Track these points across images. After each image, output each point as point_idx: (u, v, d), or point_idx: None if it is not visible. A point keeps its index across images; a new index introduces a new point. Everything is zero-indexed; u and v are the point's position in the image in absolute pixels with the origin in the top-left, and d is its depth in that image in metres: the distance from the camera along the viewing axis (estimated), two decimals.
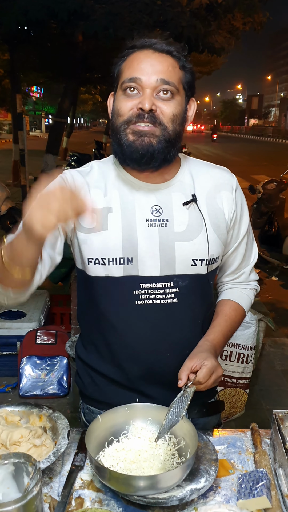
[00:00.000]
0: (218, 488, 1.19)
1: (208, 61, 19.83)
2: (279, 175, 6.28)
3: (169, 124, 1.26)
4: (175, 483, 1.09)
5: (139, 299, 1.34)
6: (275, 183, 5.97)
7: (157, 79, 1.24)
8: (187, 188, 1.38)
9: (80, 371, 1.53)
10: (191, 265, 1.35)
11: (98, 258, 1.32)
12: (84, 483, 1.20)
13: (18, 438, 1.26)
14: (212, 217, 1.38)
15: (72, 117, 23.73)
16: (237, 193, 1.44)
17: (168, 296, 1.35)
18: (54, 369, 3.49)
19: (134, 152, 1.26)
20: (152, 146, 1.25)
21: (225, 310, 1.49)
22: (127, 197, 1.33)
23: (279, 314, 5.15)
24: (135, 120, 1.25)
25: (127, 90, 1.26)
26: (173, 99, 1.26)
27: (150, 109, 1.23)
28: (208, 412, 1.52)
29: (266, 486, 1.12)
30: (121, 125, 1.27)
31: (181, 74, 1.29)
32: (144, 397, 1.39)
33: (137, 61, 1.26)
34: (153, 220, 1.33)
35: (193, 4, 7.09)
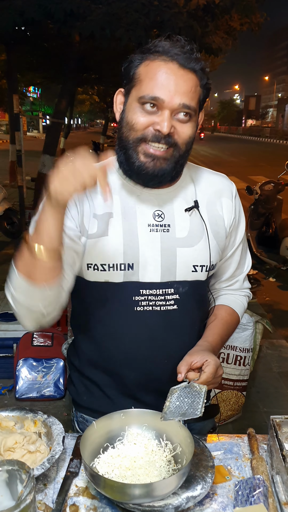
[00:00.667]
0: (214, 495, 1.17)
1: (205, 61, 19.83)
2: (277, 176, 6.27)
3: (183, 146, 1.25)
4: (171, 490, 1.07)
5: (139, 306, 1.32)
6: (272, 184, 5.96)
7: (180, 103, 1.19)
8: (189, 194, 1.37)
9: (74, 379, 1.51)
10: (192, 271, 1.34)
11: (97, 264, 1.30)
12: (79, 490, 1.19)
13: (12, 444, 1.24)
14: (212, 223, 1.37)
15: (70, 117, 23.73)
16: (236, 200, 1.44)
17: (168, 302, 1.33)
18: (50, 371, 3.47)
19: (144, 174, 1.25)
20: (163, 169, 1.24)
21: (221, 313, 1.48)
22: (129, 202, 1.32)
23: (276, 315, 5.15)
24: (150, 139, 1.21)
25: (145, 105, 1.21)
26: (190, 120, 1.24)
27: (168, 132, 1.20)
28: (204, 416, 1.50)
29: (263, 493, 1.11)
30: (133, 142, 1.24)
31: (200, 93, 1.25)
32: (139, 404, 1.37)
33: (160, 75, 1.19)
34: (155, 225, 1.31)
35: (190, 4, 7.08)
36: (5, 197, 7.63)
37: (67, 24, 7.30)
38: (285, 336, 4.62)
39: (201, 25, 7.33)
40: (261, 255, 5.90)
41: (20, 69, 13.62)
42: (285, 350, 4.36)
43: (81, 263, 1.32)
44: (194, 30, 7.10)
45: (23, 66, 14.03)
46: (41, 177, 9.96)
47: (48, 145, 9.95)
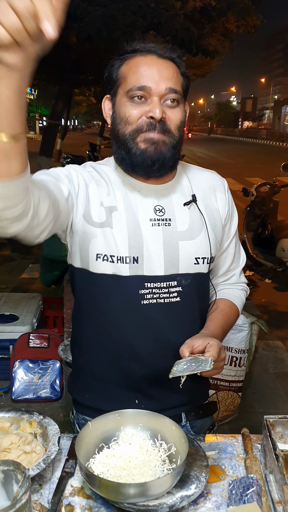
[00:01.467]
0: (208, 494, 1.19)
1: (202, 63, 19.86)
2: (273, 177, 6.29)
3: (176, 131, 1.29)
4: (165, 490, 1.08)
5: (144, 299, 1.34)
6: (268, 186, 5.97)
7: (166, 88, 1.24)
8: (186, 189, 1.41)
9: (75, 377, 1.52)
10: (194, 264, 1.37)
11: (107, 255, 1.31)
12: (74, 490, 1.20)
13: (8, 445, 1.25)
14: (209, 216, 1.41)
15: (66, 119, 23.68)
16: (228, 193, 1.49)
17: (172, 295, 1.36)
18: (46, 372, 3.48)
19: (146, 159, 1.28)
20: (163, 153, 1.27)
21: (220, 306, 1.50)
22: (130, 198, 1.34)
23: (272, 316, 5.16)
24: (146, 128, 1.25)
25: (134, 98, 1.25)
26: (178, 106, 1.28)
27: (161, 116, 1.24)
28: (204, 413, 1.55)
29: (257, 492, 1.12)
30: (130, 134, 1.27)
31: (182, 80, 1.31)
32: (144, 397, 1.39)
33: (143, 67, 1.25)
34: (156, 220, 1.34)
35: (187, 7, 7.10)
36: None
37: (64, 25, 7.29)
38: (281, 337, 4.64)
39: (197, 27, 7.35)
40: (257, 257, 5.91)
41: None
42: (280, 351, 4.38)
43: (86, 252, 1.31)
44: (191, 32, 7.12)
45: None
46: None
47: (45, 146, 9.95)
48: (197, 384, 1.49)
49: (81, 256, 1.35)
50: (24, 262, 6.68)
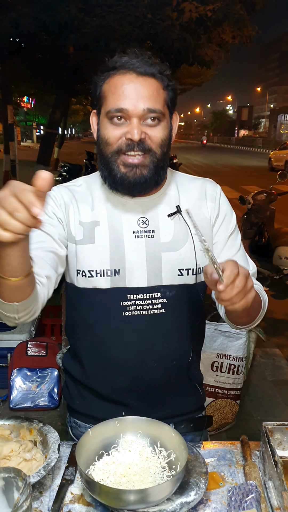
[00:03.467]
0: (208, 501, 1.19)
1: (198, 73, 20.00)
2: (269, 186, 6.32)
3: (158, 149, 1.29)
4: (165, 496, 1.09)
5: (127, 310, 1.35)
6: (265, 194, 6.00)
7: (144, 109, 1.24)
8: (172, 200, 1.40)
9: (68, 384, 1.54)
10: (178, 275, 1.37)
11: (85, 271, 1.34)
12: (74, 497, 1.20)
13: (8, 452, 1.25)
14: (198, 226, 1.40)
15: (63, 127, 23.78)
16: (221, 200, 1.46)
17: (156, 306, 1.36)
18: (44, 381, 3.47)
19: (127, 183, 1.29)
20: (144, 176, 1.28)
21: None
22: (114, 211, 1.36)
23: (269, 324, 5.17)
24: (125, 149, 1.26)
25: (113, 119, 1.26)
26: (159, 124, 1.27)
27: (140, 138, 1.24)
28: (196, 427, 1.53)
29: (256, 498, 1.13)
30: (111, 155, 1.29)
31: (165, 95, 1.29)
32: (130, 410, 1.39)
33: (121, 87, 1.24)
34: (139, 232, 1.35)
35: (183, 17, 7.18)
36: None
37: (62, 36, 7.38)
38: (279, 345, 4.65)
39: (194, 38, 7.44)
40: None
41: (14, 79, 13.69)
42: (278, 358, 4.38)
43: (69, 269, 1.37)
44: (187, 42, 7.20)
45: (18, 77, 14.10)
46: None
47: (42, 155, 10.00)
48: (187, 397, 1.49)
49: (68, 272, 1.40)
50: None
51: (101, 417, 1.34)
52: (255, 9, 8.49)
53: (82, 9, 7.13)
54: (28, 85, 17.09)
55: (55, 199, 1.37)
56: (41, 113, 45.68)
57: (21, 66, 12.92)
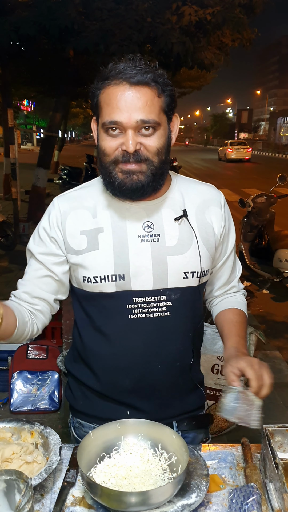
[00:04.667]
0: (209, 503, 1.19)
1: (198, 76, 20.04)
2: (269, 188, 6.33)
3: (155, 157, 1.30)
4: (166, 498, 1.09)
5: (132, 313, 1.37)
6: (265, 197, 6.00)
7: (137, 120, 1.24)
8: (177, 204, 1.41)
9: (72, 385, 1.56)
10: (183, 278, 1.39)
11: (91, 277, 1.36)
12: (75, 499, 1.20)
13: (9, 455, 1.26)
14: (202, 231, 1.42)
15: (64, 131, 23.83)
16: (225, 208, 1.49)
17: (161, 309, 1.38)
18: (45, 384, 3.47)
19: (125, 189, 1.31)
20: (141, 182, 1.30)
21: (229, 317, 1.53)
22: (119, 216, 1.37)
23: (270, 327, 5.18)
24: (122, 159, 1.28)
25: (109, 131, 1.28)
26: (155, 133, 1.28)
27: (134, 150, 1.26)
28: (197, 425, 1.55)
29: (257, 501, 1.13)
30: (109, 165, 1.31)
31: (161, 102, 1.29)
32: (135, 411, 1.42)
33: (115, 99, 1.25)
34: (145, 236, 1.36)
35: (183, 21, 7.19)
36: None
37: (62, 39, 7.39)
38: (279, 347, 4.65)
39: (193, 41, 7.45)
40: (254, 267, 5.93)
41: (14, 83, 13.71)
42: (278, 361, 4.38)
43: (76, 276, 1.41)
44: (187, 45, 7.20)
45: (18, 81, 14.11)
46: (35, 190, 10.01)
47: (42, 158, 10.01)
48: (189, 397, 1.52)
49: (75, 279, 1.43)
50: (22, 273, 6.63)
51: (105, 416, 1.39)
52: (255, 13, 8.50)
53: (82, 12, 7.15)
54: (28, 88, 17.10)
55: (51, 217, 1.41)
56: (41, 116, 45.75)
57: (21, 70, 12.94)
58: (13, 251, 7.90)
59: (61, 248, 1.40)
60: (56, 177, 15.64)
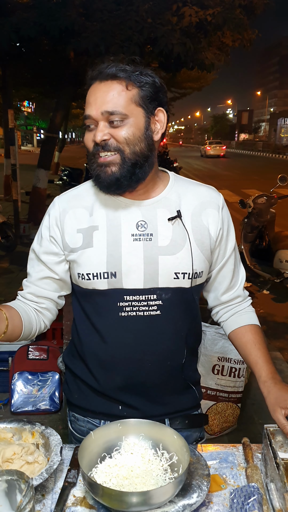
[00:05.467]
0: (210, 503, 1.19)
1: (198, 77, 20.07)
2: (269, 189, 6.33)
3: (125, 147, 1.31)
4: (167, 498, 1.09)
5: (123, 311, 1.39)
6: (265, 198, 6.02)
7: (102, 112, 1.29)
8: (172, 204, 1.42)
9: (68, 379, 1.59)
10: (174, 278, 1.40)
11: (84, 274, 1.39)
12: (77, 499, 1.20)
13: (10, 455, 1.25)
14: (196, 233, 1.42)
15: (64, 132, 23.86)
16: (224, 211, 1.48)
17: (151, 308, 1.40)
18: (46, 384, 3.47)
19: (101, 182, 1.34)
20: (114, 174, 1.32)
21: (250, 338, 1.50)
22: (114, 214, 1.39)
23: (270, 327, 5.17)
24: (96, 151, 1.33)
25: (88, 126, 1.34)
26: (123, 123, 1.30)
27: (102, 139, 1.30)
28: (191, 424, 1.55)
29: (258, 501, 1.13)
30: (90, 158, 1.36)
31: (130, 94, 1.30)
32: (127, 407, 1.45)
33: (88, 96, 1.34)
34: (138, 235, 1.38)
35: (183, 22, 7.20)
36: (0, 210, 7.66)
37: (62, 40, 7.40)
38: (279, 348, 4.65)
39: (194, 42, 7.46)
40: (255, 268, 5.94)
41: (15, 84, 13.73)
42: (279, 362, 4.38)
43: (73, 273, 1.44)
44: (187, 46, 7.22)
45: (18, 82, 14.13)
46: (36, 191, 10.02)
47: (43, 159, 10.02)
48: (182, 396, 1.52)
49: (73, 276, 1.46)
50: (22, 274, 6.64)
51: (98, 411, 1.46)
52: (255, 14, 8.51)
53: (82, 13, 7.16)
54: (28, 89, 17.14)
55: (51, 217, 1.45)
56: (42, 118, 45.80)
57: (22, 71, 12.97)
58: (13, 252, 7.91)
59: (60, 247, 1.43)
60: (57, 178, 15.66)
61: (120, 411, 1.45)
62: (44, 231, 1.46)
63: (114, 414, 1.45)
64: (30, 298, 1.49)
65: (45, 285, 1.48)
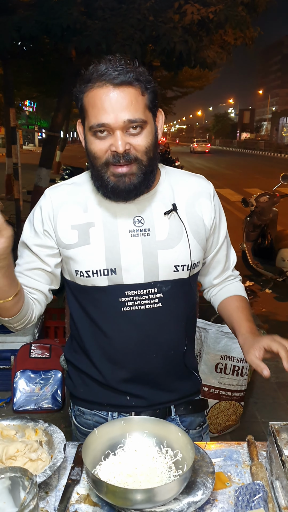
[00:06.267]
0: (215, 501, 1.19)
1: (200, 75, 20.04)
2: (272, 188, 6.32)
3: (144, 157, 1.30)
4: (172, 496, 1.08)
5: (125, 306, 1.40)
6: (267, 196, 6.00)
7: (124, 120, 1.24)
8: (167, 198, 1.43)
9: (71, 374, 1.59)
10: (173, 271, 1.41)
11: (83, 271, 1.39)
12: (80, 497, 1.20)
13: (14, 453, 1.25)
14: (192, 224, 1.44)
15: (65, 131, 23.84)
16: (215, 199, 1.51)
17: (152, 301, 1.41)
18: (48, 383, 3.47)
19: (119, 192, 1.32)
20: (133, 183, 1.31)
21: (235, 305, 1.55)
22: (109, 211, 1.39)
23: (273, 326, 5.16)
24: (113, 161, 1.28)
25: (97, 133, 1.28)
26: (142, 131, 1.29)
27: (124, 150, 1.26)
28: (194, 409, 1.59)
29: (263, 498, 1.12)
30: (101, 168, 1.31)
31: (145, 100, 1.29)
32: (133, 397, 1.47)
33: (100, 101, 1.25)
34: (135, 231, 1.38)
35: (185, 20, 7.18)
36: (1, 209, 7.65)
37: (64, 39, 7.38)
38: None
39: (195, 40, 7.43)
40: (257, 267, 5.93)
41: (16, 83, 13.72)
42: (282, 361, 4.36)
43: (69, 269, 1.43)
44: (189, 44, 7.19)
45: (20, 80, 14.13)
46: (38, 190, 10.01)
47: (45, 158, 10.00)
48: (185, 382, 1.56)
49: (68, 272, 1.46)
50: None
51: (106, 402, 1.48)
52: (257, 12, 8.48)
53: (84, 12, 7.14)
54: (30, 88, 17.13)
55: (43, 210, 1.43)
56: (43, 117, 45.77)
57: (23, 70, 12.96)
58: (14, 251, 7.90)
59: (54, 241, 1.42)
60: (58, 177, 15.64)
61: (128, 401, 1.47)
62: (37, 224, 1.43)
63: (122, 405, 1.47)
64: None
65: (36, 276, 1.46)
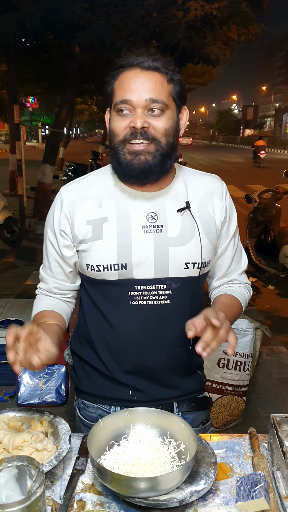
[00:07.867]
0: (217, 491, 1.21)
1: (203, 72, 20.02)
2: (275, 184, 6.32)
3: (162, 138, 1.34)
4: (175, 485, 1.11)
5: (134, 300, 1.41)
6: (270, 193, 6.01)
7: (146, 99, 1.30)
8: (181, 196, 1.45)
9: (76, 366, 1.62)
10: (184, 268, 1.42)
11: (94, 265, 1.41)
12: (85, 486, 1.22)
13: (20, 443, 1.28)
14: (204, 223, 1.45)
15: (69, 127, 23.84)
16: (227, 198, 1.52)
17: (161, 297, 1.42)
18: (52, 377, 3.50)
19: (132, 170, 1.34)
20: (148, 162, 1.33)
21: (221, 299, 1.53)
22: (124, 206, 1.41)
23: (275, 322, 5.18)
24: (130, 138, 1.33)
25: (120, 111, 1.33)
26: (163, 114, 1.33)
27: (142, 126, 1.30)
28: (197, 407, 1.60)
29: (264, 488, 1.15)
30: (118, 145, 1.35)
31: (170, 88, 1.35)
32: (135, 391, 1.48)
33: (127, 82, 1.33)
34: (148, 227, 1.40)
35: (189, 16, 7.18)
36: (5, 206, 7.68)
37: (68, 35, 7.39)
38: (285, 343, 4.66)
39: (199, 36, 7.43)
40: (260, 263, 5.94)
41: (20, 79, 13.73)
42: (284, 356, 4.39)
43: (81, 263, 1.46)
44: (193, 40, 7.19)
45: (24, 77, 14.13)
46: (41, 186, 10.05)
47: (48, 155, 10.03)
48: (188, 380, 1.56)
49: (80, 265, 1.48)
50: (28, 269, 6.71)
51: (108, 396, 1.49)
52: (261, 7, 8.47)
53: (88, 8, 7.15)
54: (33, 85, 17.14)
55: (60, 209, 1.45)
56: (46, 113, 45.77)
57: (27, 66, 12.97)
58: (19, 247, 7.93)
59: (70, 239, 1.45)
60: (61, 173, 15.68)
61: (130, 396, 1.48)
62: (55, 224, 1.46)
63: (124, 399, 1.49)
64: (56, 292, 1.54)
65: (66, 278, 1.52)
